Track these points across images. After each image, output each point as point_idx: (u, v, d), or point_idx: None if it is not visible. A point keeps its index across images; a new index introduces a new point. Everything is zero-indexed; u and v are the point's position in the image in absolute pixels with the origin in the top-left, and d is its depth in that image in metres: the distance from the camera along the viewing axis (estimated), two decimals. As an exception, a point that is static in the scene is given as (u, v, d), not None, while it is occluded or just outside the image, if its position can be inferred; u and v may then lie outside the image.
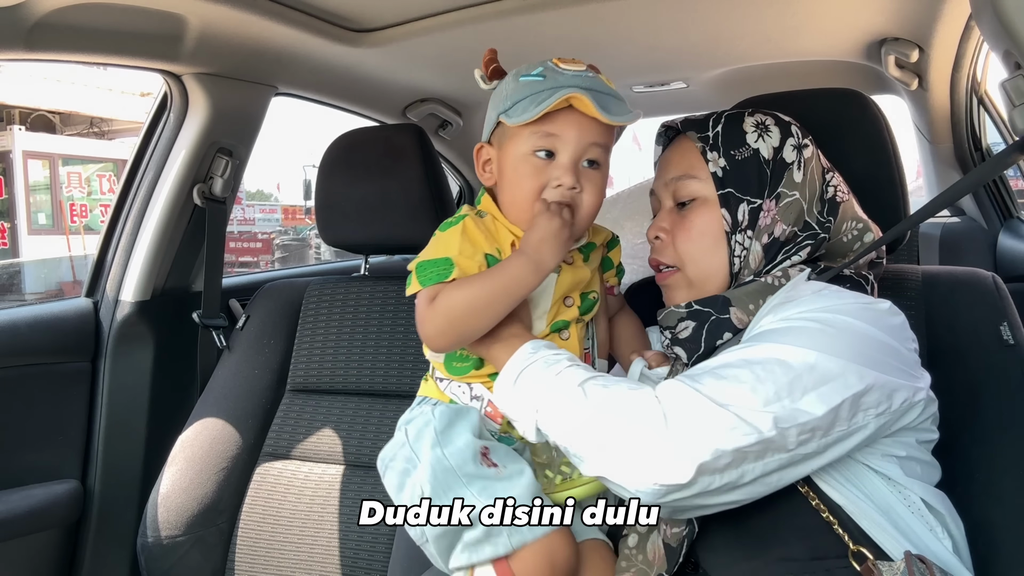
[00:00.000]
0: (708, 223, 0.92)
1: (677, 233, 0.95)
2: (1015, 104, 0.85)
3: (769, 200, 0.90)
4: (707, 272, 0.93)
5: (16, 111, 11.00)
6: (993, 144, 2.02)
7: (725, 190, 0.91)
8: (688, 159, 0.95)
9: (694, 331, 0.90)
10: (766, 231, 0.90)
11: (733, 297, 0.89)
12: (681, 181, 0.95)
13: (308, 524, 1.34)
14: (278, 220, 15.57)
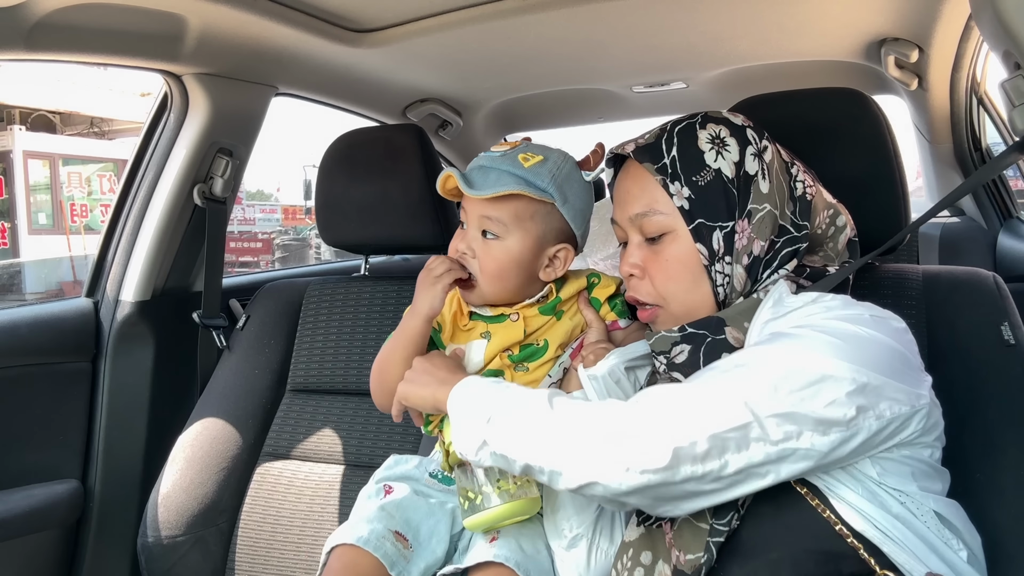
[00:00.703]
0: (684, 257, 0.88)
1: (653, 270, 0.91)
2: (1015, 104, 0.86)
3: (741, 220, 0.87)
4: (692, 306, 0.89)
5: (16, 111, 11.00)
6: (993, 144, 2.02)
7: (695, 222, 0.87)
8: (649, 192, 0.91)
9: (690, 354, 0.87)
10: (744, 252, 0.87)
11: (727, 317, 0.87)
12: (647, 218, 0.91)
13: (308, 524, 1.34)
14: (278, 220, 15.57)
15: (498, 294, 1.06)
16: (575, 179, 1.05)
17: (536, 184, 1.01)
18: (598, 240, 1.69)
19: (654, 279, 0.91)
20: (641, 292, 0.92)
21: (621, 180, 0.96)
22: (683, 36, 1.58)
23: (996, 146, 2.03)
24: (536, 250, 1.03)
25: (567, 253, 1.05)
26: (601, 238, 1.69)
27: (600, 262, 1.65)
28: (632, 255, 0.93)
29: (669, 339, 0.89)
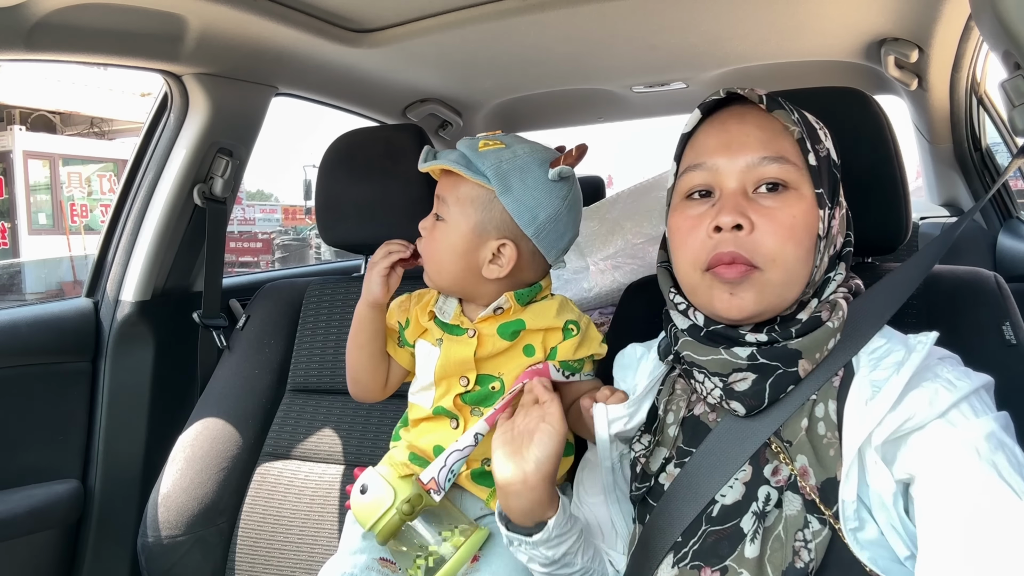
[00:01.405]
0: (806, 220, 0.78)
1: (767, 226, 0.77)
2: (1015, 104, 0.86)
3: (837, 208, 0.82)
4: (793, 279, 0.78)
5: (16, 111, 11.01)
6: (993, 144, 2.02)
7: (819, 190, 0.79)
8: (779, 141, 0.80)
9: (755, 384, 0.78)
10: (832, 243, 0.81)
11: (804, 349, 0.78)
12: (775, 164, 0.79)
13: (308, 524, 1.34)
14: (278, 220, 15.57)
15: (439, 279, 1.04)
16: (531, 175, 0.97)
17: (476, 166, 0.97)
18: (598, 240, 1.69)
19: (768, 235, 0.77)
20: (746, 246, 0.77)
21: (731, 123, 0.83)
22: (683, 36, 1.58)
23: (996, 146, 2.04)
24: (474, 239, 0.99)
25: (510, 251, 0.98)
26: (601, 238, 1.69)
27: (600, 262, 1.65)
28: (734, 203, 0.79)
29: (732, 364, 0.79)
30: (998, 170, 2.01)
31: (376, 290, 1.04)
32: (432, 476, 0.92)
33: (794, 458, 0.77)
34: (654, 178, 1.76)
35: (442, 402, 1.04)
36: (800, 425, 0.78)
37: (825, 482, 0.75)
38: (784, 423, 0.79)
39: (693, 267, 0.82)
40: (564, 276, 1.67)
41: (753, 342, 0.79)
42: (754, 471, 0.79)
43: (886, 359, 0.78)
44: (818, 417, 0.78)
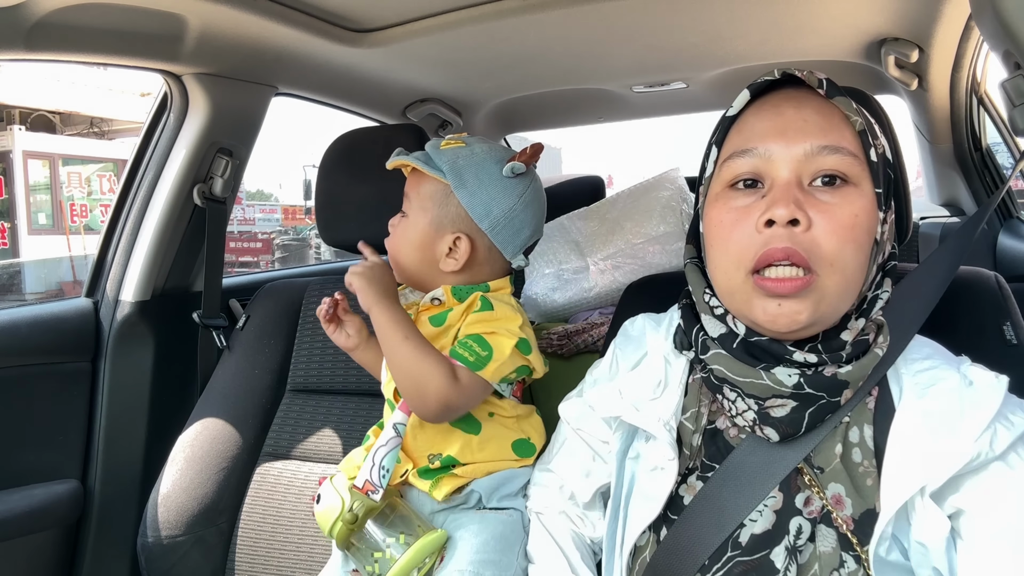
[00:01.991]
0: (868, 221, 0.69)
1: (825, 223, 0.68)
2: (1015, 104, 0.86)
3: (889, 212, 0.73)
4: (850, 288, 0.70)
5: (16, 111, 11.01)
6: (993, 144, 2.02)
7: (879, 189, 0.71)
8: (839, 131, 0.71)
9: (794, 412, 0.71)
10: (881, 251, 0.73)
11: (852, 379, 0.70)
12: (837, 155, 0.69)
13: (308, 524, 1.34)
14: (278, 220, 15.57)
15: (400, 272, 1.11)
16: (485, 171, 1.02)
17: (433, 162, 1.03)
18: (598, 240, 1.69)
19: (827, 234, 0.67)
20: (803, 245, 0.67)
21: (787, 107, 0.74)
22: (683, 36, 1.58)
23: (996, 146, 2.03)
24: (432, 233, 1.05)
25: (465, 245, 1.03)
26: (601, 238, 1.69)
27: (600, 262, 1.65)
28: (794, 196, 0.69)
29: (774, 390, 0.71)
30: (998, 170, 2.01)
31: (336, 339, 1.15)
32: (365, 478, 0.96)
33: (826, 486, 0.72)
34: (654, 178, 1.76)
35: (387, 390, 1.09)
36: (834, 452, 0.72)
37: (864, 514, 0.70)
38: (815, 448, 0.73)
39: (736, 267, 0.72)
40: (564, 276, 1.67)
41: (802, 361, 0.70)
42: (785, 499, 0.73)
43: (936, 386, 0.70)
44: (852, 442, 0.72)
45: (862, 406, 0.73)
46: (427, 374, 0.97)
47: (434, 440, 1.05)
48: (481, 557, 0.95)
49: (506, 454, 1.06)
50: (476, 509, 1.03)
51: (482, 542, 0.97)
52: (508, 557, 0.96)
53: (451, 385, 0.97)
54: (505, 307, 1.04)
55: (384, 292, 1.04)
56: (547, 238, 1.75)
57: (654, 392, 0.82)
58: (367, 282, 1.03)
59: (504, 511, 1.03)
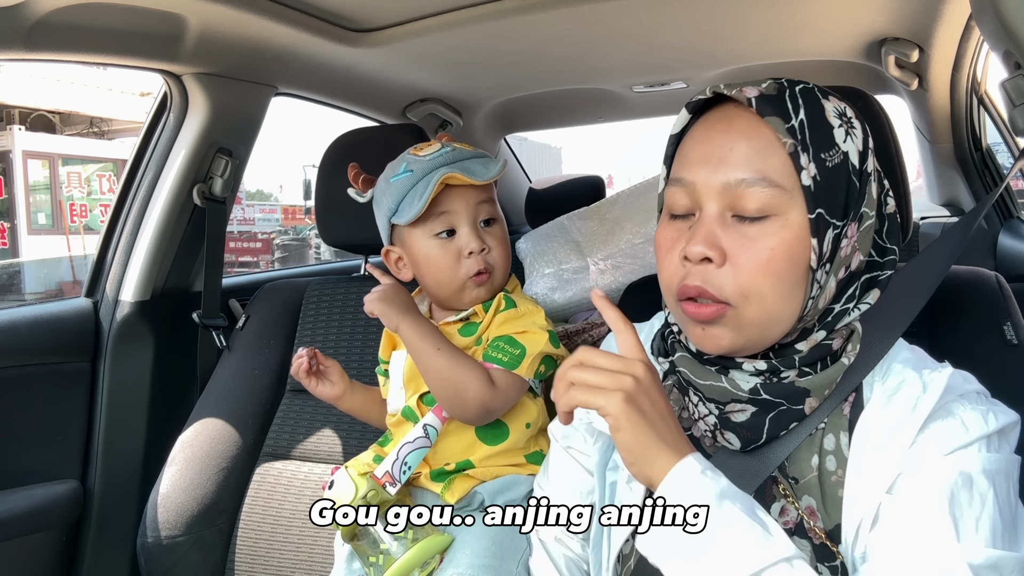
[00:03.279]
0: (792, 251, 0.67)
1: (741, 258, 0.68)
2: (1015, 104, 0.86)
3: (852, 223, 0.70)
4: (775, 317, 0.69)
5: (16, 111, 11.01)
6: (993, 144, 2.01)
7: (816, 212, 0.67)
8: (764, 157, 0.68)
9: (753, 417, 0.71)
10: (843, 263, 0.70)
11: (813, 388, 0.70)
12: (754, 188, 0.68)
13: (308, 524, 1.34)
14: (278, 220, 15.57)
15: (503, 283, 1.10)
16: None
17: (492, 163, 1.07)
18: (598, 240, 1.69)
19: (740, 269, 0.68)
20: (714, 282, 0.68)
21: (716, 131, 0.71)
22: (683, 36, 1.58)
23: (996, 146, 2.03)
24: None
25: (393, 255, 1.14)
26: (601, 238, 1.68)
27: (600, 262, 1.65)
28: (711, 232, 0.69)
29: (730, 392, 0.71)
30: (999, 170, 2.01)
31: (321, 393, 1.13)
32: (386, 470, 0.97)
33: (800, 497, 0.71)
34: (654, 178, 1.76)
35: (408, 402, 1.08)
36: (811, 464, 0.71)
37: (833, 530, 0.70)
38: (790, 457, 0.73)
39: (668, 291, 0.74)
40: (564, 276, 1.67)
41: (752, 370, 0.71)
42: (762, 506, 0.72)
43: (899, 394, 0.70)
44: (827, 450, 0.72)
45: (838, 412, 0.73)
46: (464, 380, 0.98)
47: (458, 451, 1.06)
48: (481, 562, 0.95)
49: (517, 460, 1.07)
50: (479, 512, 1.04)
51: (483, 547, 0.97)
52: (507, 565, 0.97)
53: (488, 388, 0.99)
54: (527, 302, 1.07)
55: (406, 308, 1.04)
56: (547, 238, 1.75)
57: None
58: (387, 304, 1.04)
59: None
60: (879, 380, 0.73)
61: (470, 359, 1.01)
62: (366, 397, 1.18)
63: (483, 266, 1.04)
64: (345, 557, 1.08)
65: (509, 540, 0.99)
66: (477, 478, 1.05)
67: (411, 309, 1.04)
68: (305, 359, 1.11)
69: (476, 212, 1.04)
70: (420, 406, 1.08)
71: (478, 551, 0.97)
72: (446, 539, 0.99)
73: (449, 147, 1.06)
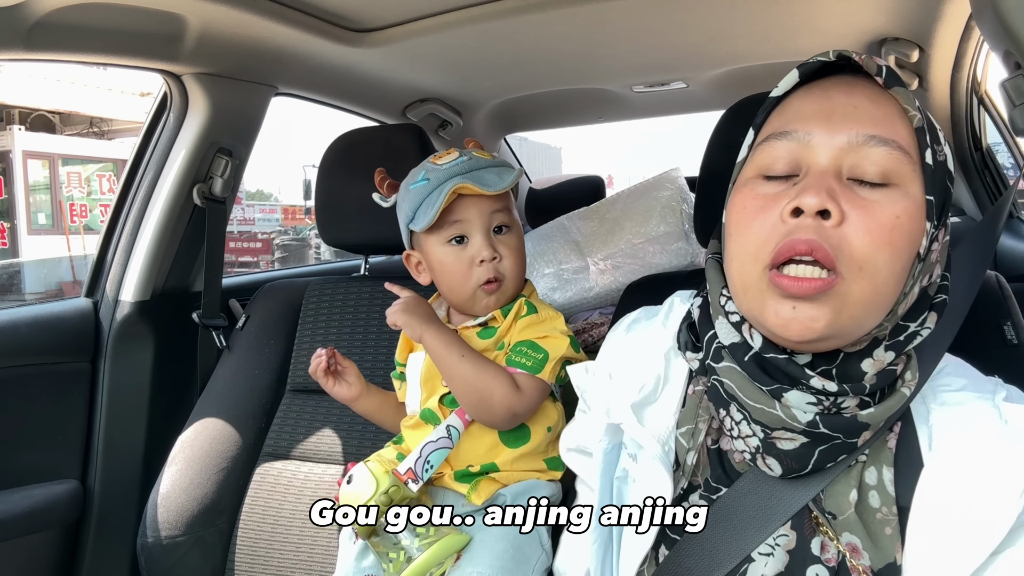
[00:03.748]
0: (911, 227, 0.60)
1: (860, 221, 0.59)
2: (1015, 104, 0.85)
3: (942, 230, 0.64)
4: (880, 300, 0.60)
5: (16, 111, 11.01)
6: (993, 144, 2.01)
7: (930, 196, 0.61)
8: (895, 125, 0.62)
9: (803, 448, 0.64)
10: (929, 270, 0.64)
11: (873, 420, 0.62)
12: (884, 148, 0.60)
13: (308, 524, 1.34)
14: (278, 220, 15.57)
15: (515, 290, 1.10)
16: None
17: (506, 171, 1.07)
18: (598, 240, 1.69)
19: (861, 232, 0.59)
20: (831, 240, 0.59)
21: (836, 91, 0.65)
22: (683, 36, 1.58)
23: (996, 146, 2.03)
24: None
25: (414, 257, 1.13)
26: (601, 238, 1.69)
27: (600, 262, 1.65)
28: (828, 185, 0.60)
29: (783, 420, 0.63)
30: (999, 170, 2.01)
31: (338, 393, 1.14)
32: (409, 467, 0.98)
33: (840, 534, 0.64)
34: (654, 178, 1.76)
35: (428, 404, 1.09)
36: (848, 499, 0.65)
37: (884, 568, 0.62)
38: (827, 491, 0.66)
39: (754, 259, 0.63)
40: (564, 276, 1.67)
41: (819, 388, 0.62)
42: (800, 542, 0.65)
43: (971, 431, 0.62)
44: (869, 484, 0.65)
45: (880, 443, 0.66)
46: (489, 387, 1.00)
47: (480, 453, 1.06)
48: (500, 564, 0.96)
49: (539, 465, 1.08)
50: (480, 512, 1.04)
51: (501, 549, 0.97)
52: (524, 569, 0.98)
53: (514, 393, 1.00)
54: (547, 308, 1.09)
55: (427, 318, 1.04)
56: (547, 238, 1.75)
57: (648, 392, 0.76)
58: (409, 315, 1.04)
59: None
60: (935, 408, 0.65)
61: (494, 365, 1.02)
62: (381, 400, 1.19)
63: (493, 274, 1.05)
64: (355, 555, 1.07)
65: (527, 546, 1.00)
66: (501, 481, 1.05)
67: (433, 319, 1.05)
68: (324, 358, 1.12)
69: (489, 220, 1.05)
70: (441, 408, 1.08)
71: (498, 552, 0.97)
72: (464, 538, 0.98)
73: (467, 155, 1.07)
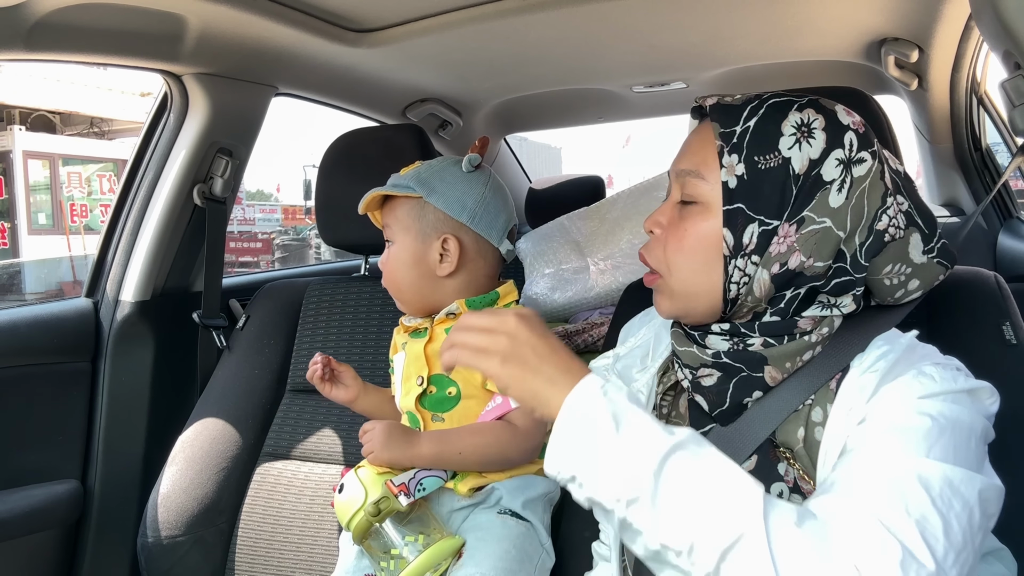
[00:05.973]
0: (704, 237, 0.79)
1: (671, 235, 0.82)
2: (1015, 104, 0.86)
3: (787, 224, 0.75)
4: (693, 290, 0.81)
5: (16, 111, 11.00)
6: (993, 144, 2.02)
7: (734, 205, 0.76)
8: (703, 153, 0.80)
9: (719, 383, 0.80)
10: (777, 260, 0.76)
11: (770, 356, 0.78)
12: (688, 178, 0.80)
13: (308, 524, 1.34)
14: (278, 220, 15.57)
15: (402, 297, 1.14)
16: (448, 172, 1.10)
17: (399, 184, 1.09)
18: (598, 240, 1.69)
19: (667, 244, 0.82)
20: (652, 253, 0.84)
21: (691, 135, 0.85)
22: (683, 36, 1.58)
23: (996, 146, 2.03)
24: (420, 247, 1.09)
25: (453, 244, 1.08)
26: (601, 238, 1.69)
27: (600, 262, 1.65)
28: (662, 212, 0.84)
29: (699, 358, 0.81)
30: (998, 170, 2.01)
31: (336, 396, 1.16)
32: (403, 482, 0.98)
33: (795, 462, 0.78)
34: (654, 178, 1.76)
35: (404, 403, 1.10)
36: (796, 435, 0.77)
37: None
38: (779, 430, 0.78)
39: None
40: (564, 276, 1.67)
41: (719, 331, 0.81)
42: (764, 463, 0.77)
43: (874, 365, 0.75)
44: (815, 422, 0.77)
45: (825, 388, 0.77)
46: (494, 451, 1.01)
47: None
48: (502, 564, 0.96)
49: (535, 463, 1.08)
50: (497, 512, 1.04)
51: (503, 550, 0.98)
52: (526, 569, 0.98)
53: (515, 436, 1.01)
54: None
55: (408, 443, 1.01)
56: (547, 238, 1.75)
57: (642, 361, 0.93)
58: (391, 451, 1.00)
59: (524, 522, 1.04)
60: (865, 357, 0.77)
61: (489, 429, 1.02)
62: (379, 398, 1.19)
63: None
64: (355, 555, 1.08)
65: (527, 544, 1.01)
66: (490, 478, 1.06)
67: (412, 439, 1.02)
68: (319, 367, 1.13)
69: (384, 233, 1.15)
70: (420, 409, 1.09)
71: (499, 553, 0.98)
72: (458, 541, 0.99)
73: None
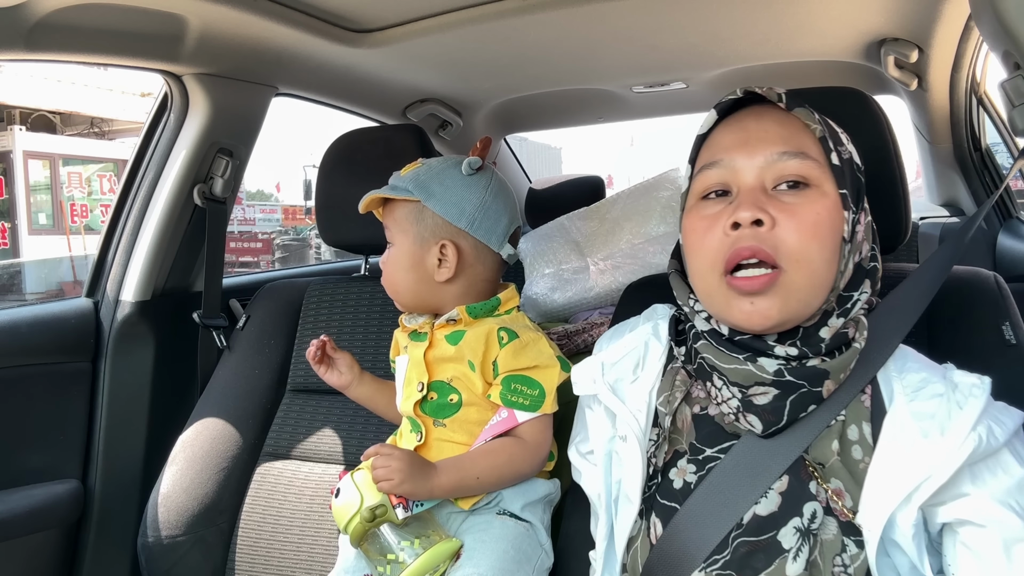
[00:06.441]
0: (829, 219, 0.74)
1: (789, 223, 0.73)
2: (1014, 104, 0.86)
3: (862, 213, 0.78)
4: (818, 283, 0.74)
5: (16, 111, 11.00)
6: (993, 144, 2.02)
7: (843, 190, 0.76)
8: (799, 139, 0.77)
9: (775, 400, 0.75)
10: (858, 248, 0.77)
11: (832, 369, 0.74)
12: (795, 160, 0.75)
13: (308, 524, 1.34)
14: (278, 220, 15.57)
15: (400, 299, 1.13)
16: (447, 176, 1.07)
17: (398, 187, 1.08)
18: (598, 240, 1.69)
19: (790, 233, 0.73)
20: (768, 243, 0.73)
21: (748, 120, 0.80)
22: (683, 36, 1.58)
23: (996, 146, 2.04)
24: (418, 250, 1.08)
25: (451, 250, 1.06)
26: (601, 238, 1.69)
27: (600, 262, 1.65)
28: (757, 199, 0.75)
29: (754, 375, 0.75)
30: (998, 170, 2.01)
31: (329, 379, 1.18)
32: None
33: (828, 480, 0.75)
34: (654, 178, 1.76)
35: (405, 406, 1.10)
36: (831, 448, 0.75)
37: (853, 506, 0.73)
38: (812, 445, 0.76)
39: (711, 269, 0.77)
40: (564, 276, 1.67)
41: (783, 355, 0.75)
42: (796, 485, 0.75)
43: (924, 389, 0.74)
44: (851, 440, 0.75)
45: (857, 404, 0.76)
46: (508, 470, 1.02)
47: None
48: (501, 564, 0.96)
49: None
50: (496, 513, 1.04)
51: (502, 551, 0.98)
52: (524, 569, 0.98)
53: (526, 450, 1.02)
54: (526, 330, 1.07)
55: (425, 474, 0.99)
56: (547, 238, 1.75)
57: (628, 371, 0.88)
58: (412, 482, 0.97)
59: (523, 523, 1.04)
60: (897, 378, 0.76)
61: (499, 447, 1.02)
62: (374, 389, 1.21)
63: None
64: (355, 555, 1.08)
65: (526, 545, 1.01)
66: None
67: (429, 471, 0.99)
68: (314, 348, 1.16)
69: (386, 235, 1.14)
70: (419, 414, 1.09)
71: (497, 553, 0.97)
72: (455, 544, 0.99)
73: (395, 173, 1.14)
